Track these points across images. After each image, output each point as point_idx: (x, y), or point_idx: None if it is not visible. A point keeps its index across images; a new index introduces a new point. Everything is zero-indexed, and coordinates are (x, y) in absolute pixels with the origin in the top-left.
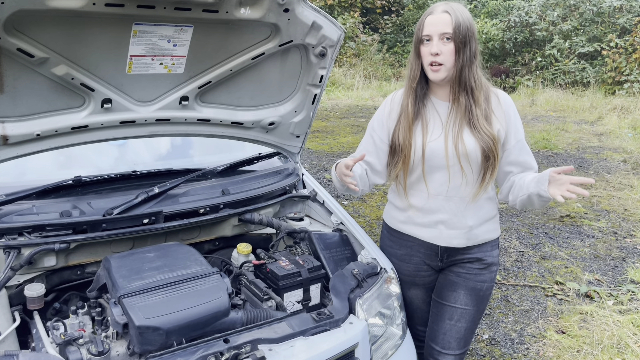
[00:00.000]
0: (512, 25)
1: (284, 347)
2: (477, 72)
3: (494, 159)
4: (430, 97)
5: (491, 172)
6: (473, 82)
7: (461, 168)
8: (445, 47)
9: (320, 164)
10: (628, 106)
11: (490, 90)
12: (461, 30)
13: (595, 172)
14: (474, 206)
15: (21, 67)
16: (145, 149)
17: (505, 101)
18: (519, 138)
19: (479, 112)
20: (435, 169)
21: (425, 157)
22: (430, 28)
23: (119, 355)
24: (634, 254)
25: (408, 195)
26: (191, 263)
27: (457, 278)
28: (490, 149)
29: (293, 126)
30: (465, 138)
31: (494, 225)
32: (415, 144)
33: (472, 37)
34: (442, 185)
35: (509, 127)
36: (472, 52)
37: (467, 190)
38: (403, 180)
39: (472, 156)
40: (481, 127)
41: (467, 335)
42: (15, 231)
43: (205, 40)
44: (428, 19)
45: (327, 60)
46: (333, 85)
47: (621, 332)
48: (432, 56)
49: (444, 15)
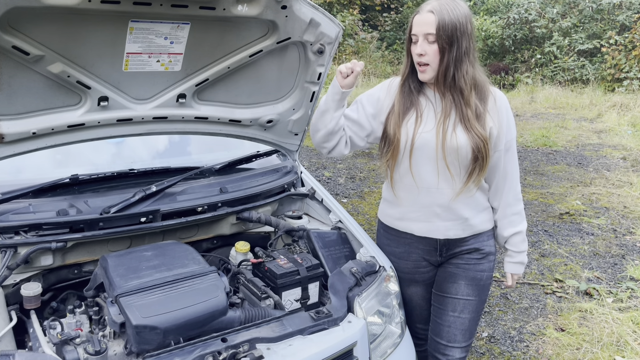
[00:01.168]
0: (511, 22)
1: (282, 346)
2: (467, 71)
3: (483, 160)
4: (425, 88)
5: (479, 172)
6: (462, 82)
7: (446, 162)
8: (430, 47)
9: (319, 162)
10: (627, 103)
11: (488, 89)
12: (446, 30)
13: (595, 169)
14: (467, 198)
15: (17, 65)
16: (143, 147)
17: (500, 100)
18: (508, 138)
19: (470, 112)
20: (425, 161)
21: (415, 147)
22: (416, 28)
23: (116, 354)
24: (634, 252)
25: (398, 189)
26: (189, 262)
27: (456, 269)
28: (480, 150)
29: (291, 124)
30: (458, 133)
31: (488, 215)
32: (407, 134)
33: (462, 36)
34: (432, 178)
35: (501, 126)
36: (461, 52)
37: (457, 184)
38: (391, 172)
39: (461, 152)
40: (472, 127)
41: (472, 327)
42: (12, 230)
43: (203, 38)
44: (415, 18)
45: (325, 58)
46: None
47: (621, 329)
48: (418, 57)
49: (428, 15)
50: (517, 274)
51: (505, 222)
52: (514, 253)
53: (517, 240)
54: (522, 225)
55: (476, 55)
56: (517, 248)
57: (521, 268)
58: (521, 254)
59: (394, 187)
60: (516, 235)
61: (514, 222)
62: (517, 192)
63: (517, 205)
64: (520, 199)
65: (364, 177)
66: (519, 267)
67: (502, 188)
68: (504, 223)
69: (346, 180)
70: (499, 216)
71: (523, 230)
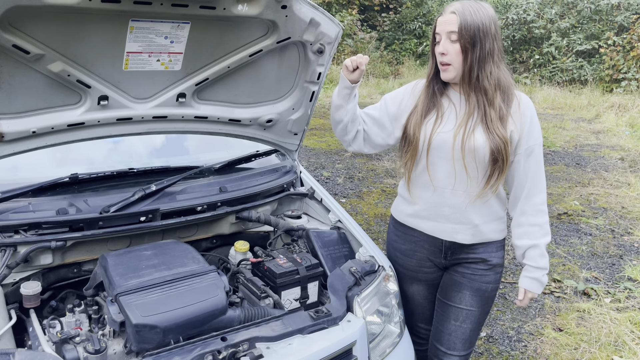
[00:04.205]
0: (510, 22)
1: (281, 345)
2: (491, 72)
3: (503, 162)
4: (449, 89)
5: (498, 175)
6: (486, 82)
7: (464, 163)
8: (452, 47)
9: (318, 162)
10: (626, 104)
11: (513, 93)
12: (468, 30)
13: (593, 169)
14: (481, 204)
15: (17, 64)
16: (142, 146)
17: (525, 104)
18: (530, 144)
19: (493, 112)
20: (442, 161)
21: (432, 146)
22: (440, 27)
23: (115, 353)
24: (632, 252)
25: (414, 187)
26: (188, 261)
27: (462, 279)
28: (500, 151)
29: (291, 123)
30: (476, 135)
31: (500, 225)
32: (426, 133)
33: (486, 37)
34: (448, 179)
35: (522, 130)
36: (484, 52)
37: (472, 187)
38: (409, 171)
39: (479, 153)
40: (494, 129)
41: (472, 337)
42: (11, 229)
43: (203, 37)
44: (438, 19)
45: (325, 57)
46: (331, 83)
47: (618, 329)
48: (440, 56)
49: (451, 16)
50: (532, 292)
51: (520, 232)
52: (531, 268)
53: (534, 254)
54: (542, 240)
55: (502, 57)
56: (535, 263)
57: (537, 286)
58: (539, 270)
59: (410, 185)
60: (534, 249)
61: (531, 234)
62: (539, 203)
63: (537, 216)
64: (543, 211)
65: (362, 177)
66: (535, 285)
67: (520, 195)
68: (518, 232)
69: (345, 180)
70: (514, 224)
71: (542, 244)
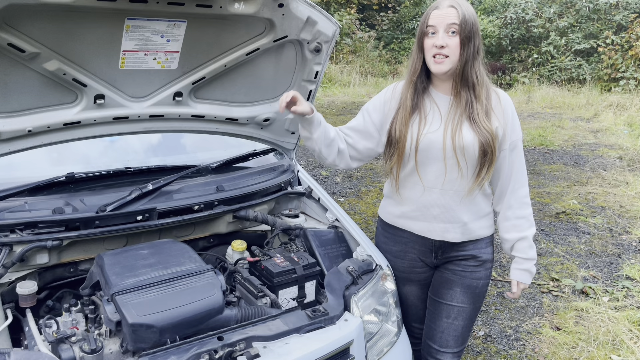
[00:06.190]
0: (508, 22)
1: (278, 344)
2: (479, 68)
3: (492, 154)
4: (430, 90)
5: (487, 168)
6: (475, 77)
7: (457, 162)
8: (451, 40)
9: (316, 161)
10: (624, 103)
11: (490, 88)
12: (467, 24)
13: (591, 168)
14: (469, 201)
15: (12, 63)
16: (139, 145)
17: (505, 100)
18: (513, 139)
19: (480, 107)
20: (431, 161)
21: (420, 148)
22: (436, 20)
23: (112, 353)
24: (630, 251)
25: (402, 188)
26: (185, 260)
27: (453, 276)
28: (489, 144)
29: (288, 122)
30: (464, 132)
31: (488, 222)
32: (412, 135)
33: (476, 34)
34: (437, 178)
35: (506, 126)
36: (475, 48)
37: (462, 185)
38: (396, 173)
39: (469, 150)
40: (481, 122)
41: (465, 333)
42: (7, 228)
43: (199, 36)
44: (434, 12)
45: (322, 56)
46: (329, 82)
47: (616, 328)
48: (436, 48)
49: (450, 9)
50: (524, 283)
51: (508, 225)
52: (521, 260)
53: (523, 246)
54: (529, 231)
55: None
56: (524, 254)
57: (528, 277)
58: (528, 262)
59: (398, 186)
60: (522, 241)
61: (518, 227)
62: (523, 196)
63: (522, 209)
64: (527, 203)
65: (360, 176)
66: (526, 276)
67: (505, 190)
68: (506, 226)
69: (343, 179)
70: (501, 218)
71: (529, 235)
